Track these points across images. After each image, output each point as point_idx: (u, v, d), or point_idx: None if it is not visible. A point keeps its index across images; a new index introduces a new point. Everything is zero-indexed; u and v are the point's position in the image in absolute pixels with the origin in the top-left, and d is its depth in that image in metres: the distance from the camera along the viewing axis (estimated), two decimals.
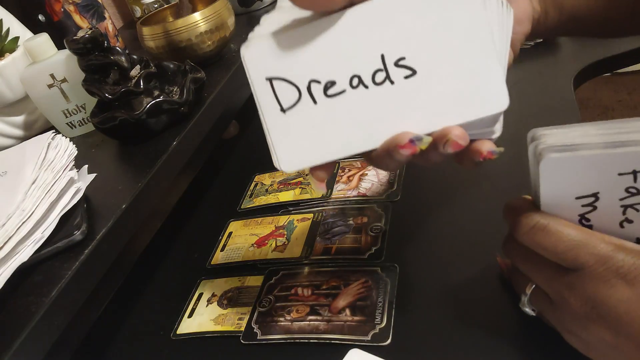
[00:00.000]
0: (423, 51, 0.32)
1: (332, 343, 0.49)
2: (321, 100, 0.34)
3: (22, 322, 0.35)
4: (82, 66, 0.54)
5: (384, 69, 0.33)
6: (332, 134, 0.35)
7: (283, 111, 0.35)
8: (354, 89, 0.34)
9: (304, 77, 0.34)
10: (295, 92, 0.35)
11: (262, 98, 0.36)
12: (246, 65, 0.35)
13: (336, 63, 0.34)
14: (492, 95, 0.31)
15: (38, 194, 0.41)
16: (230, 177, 0.84)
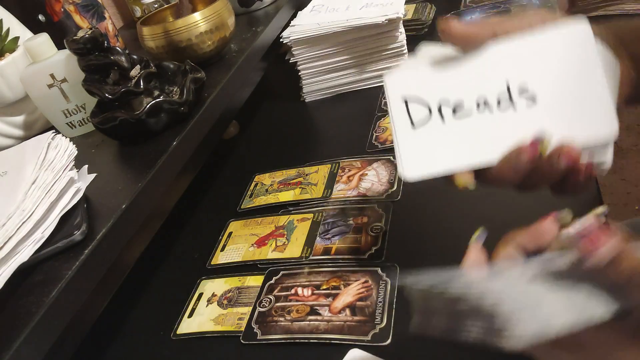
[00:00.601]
0: (545, 85, 0.37)
1: (332, 343, 0.49)
2: (449, 119, 0.39)
3: (22, 322, 0.36)
4: (82, 66, 0.54)
5: (508, 97, 0.38)
6: (454, 149, 0.39)
7: (414, 127, 0.40)
8: (479, 112, 0.38)
9: (436, 99, 0.39)
10: (426, 112, 0.39)
11: (396, 115, 0.40)
12: (386, 86, 0.41)
13: (466, 89, 0.39)
14: (605, 125, 0.36)
15: (38, 194, 0.41)
16: (230, 177, 0.84)
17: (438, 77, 0.40)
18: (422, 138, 0.40)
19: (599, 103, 0.36)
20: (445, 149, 0.40)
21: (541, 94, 0.37)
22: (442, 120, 0.39)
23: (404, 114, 0.40)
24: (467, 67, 0.39)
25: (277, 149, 0.87)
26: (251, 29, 0.86)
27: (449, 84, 0.39)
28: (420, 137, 0.40)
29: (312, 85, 0.94)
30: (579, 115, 0.36)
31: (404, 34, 0.89)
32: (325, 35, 0.86)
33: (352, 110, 0.90)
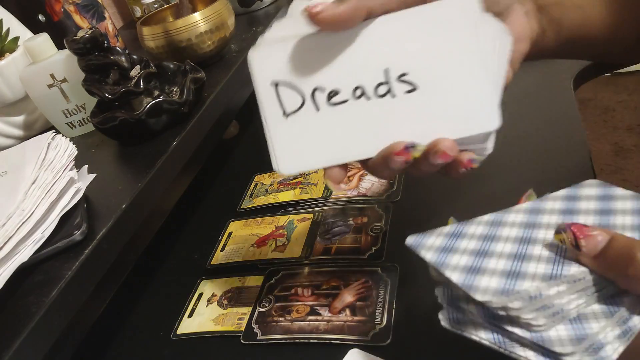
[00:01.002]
0: (425, 69, 0.34)
1: (332, 343, 0.49)
2: (324, 107, 0.36)
3: (22, 322, 0.35)
4: (82, 66, 0.54)
5: (387, 83, 0.34)
6: (331, 140, 0.36)
7: (285, 116, 0.36)
8: (356, 100, 0.35)
9: (309, 85, 0.35)
10: (299, 98, 0.36)
11: (266, 101, 0.36)
12: (252, 68, 0.36)
13: (342, 73, 0.35)
14: (484, 116, 0.33)
15: (38, 194, 0.41)
16: (230, 177, 0.84)
17: (312, 57, 0.35)
18: (295, 128, 0.36)
19: (479, 91, 0.33)
20: (322, 140, 0.37)
21: (421, 79, 0.34)
22: (316, 108, 0.36)
23: (274, 101, 0.36)
24: (344, 47, 0.35)
25: None
26: (251, 29, 0.86)
27: (324, 66, 0.35)
28: (294, 127, 0.36)
29: None
30: (459, 104, 0.34)
31: None
32: None
33: None
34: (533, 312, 0.28)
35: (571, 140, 0.65)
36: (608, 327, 0.27)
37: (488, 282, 0.29)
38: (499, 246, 0.33)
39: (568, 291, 0.28)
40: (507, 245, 0.32)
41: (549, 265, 0.29)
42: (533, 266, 0.30)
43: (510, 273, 0.30)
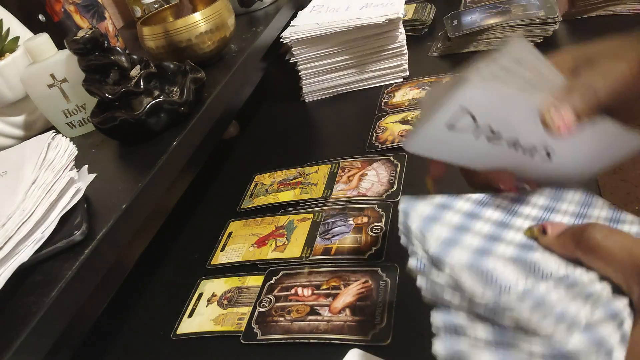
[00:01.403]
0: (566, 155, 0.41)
1: (332, 343, 0.49)
2: (481, 139, 0.41)
3: (22, 322, 0.36)
4: (82, 66, 0.54)
5: (537, 150, 0.41)
6: (465, 152, 0.42)
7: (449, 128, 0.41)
8: (508, 147, 0.41)
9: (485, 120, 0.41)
10: (471, 127, 0.41)
11: (446, 111, 0.40)
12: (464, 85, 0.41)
13: (514, 124, 0.41)
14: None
15: (38, 194, 0.41)
16: (230, 177, 0.84)
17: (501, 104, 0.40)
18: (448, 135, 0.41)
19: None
20: (459, 149, 0.42)
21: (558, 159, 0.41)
22: (476, 137, 0.41)
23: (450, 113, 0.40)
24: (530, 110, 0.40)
25: (277, 149, 0.87)
26: (251, 29, 0.86)
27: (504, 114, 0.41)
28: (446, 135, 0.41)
29: (312, 86, 0.94)
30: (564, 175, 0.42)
31: (404, 34, 0.89)
32: (325, 35, 0.86)
33: (352, 110, 0.90)
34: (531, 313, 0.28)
35: None
36: (612, 332, 0.28)
37: (459, 256, 0.32)
38: (478, 225, 0.35)
39: (569, 296, 0.29)
40: (486, 226, 0.35)
41: (516, 250, 0.33)
42: (502, 248, 0.33)
43: (481, 251, 0.33)
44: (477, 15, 0.95)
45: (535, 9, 0.89)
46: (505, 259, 0.32)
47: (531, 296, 0.29)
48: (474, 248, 0.33)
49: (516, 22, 0.88)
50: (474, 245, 0.33)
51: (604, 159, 0.42)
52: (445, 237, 0.34)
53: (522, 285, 0.30)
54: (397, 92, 0.88)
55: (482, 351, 0.30)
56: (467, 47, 0.94)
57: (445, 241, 0.34)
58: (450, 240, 0.34)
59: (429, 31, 1.07)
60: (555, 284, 0.30)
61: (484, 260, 0.31)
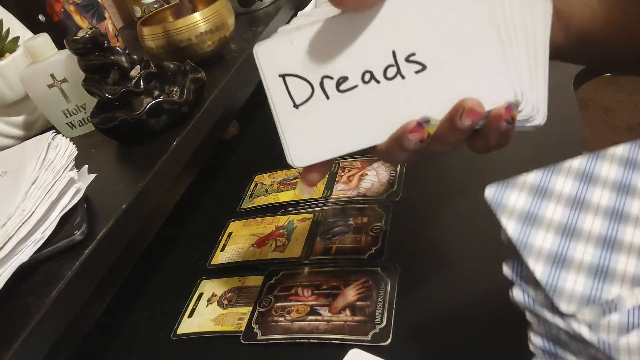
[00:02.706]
0: (433, 47, 0.32)
1: (332, 343, 0.49)
2: (334, 95, 0.35)
3: (22, 322, 0.35)
4: (82, 66, 0.54)
5: (395, 65, 0.33)
6: (343, 128, 0.36)
7: (296, 107, 0.36)
8: (366, 84, 0.34)
9: (317, 73, 0.35)
10: (308, 88, 0.35)
11: (275, 94, 0.36)
12: (258, 61, 0.37)
13: (349, 59, 0.34)
14: (498, 88, 0.32)
15: (38, 194, 0.41)
16: (230, 177, 0.84)
17: (318, 46, 0.35)
18: (306, 118, 0.36)
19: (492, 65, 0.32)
20: (334, 128, 0.36)
21: (430, 58, 0.33)
22: (326, 96, 0.35)
23: (283, 92, 0.36)
24: (350, 33, 0.34)
25: (277, 149, 0.86)
26: (251, 29, 0.86)
27: (329, 55, 0.34)
28: (304, 117, 0.36)
29: None
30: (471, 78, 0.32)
31: None
32: None
33: None
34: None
35: (571, 140, 0.65)
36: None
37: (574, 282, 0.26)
38: (587, 220, 0.29)
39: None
40: (597, 221, 0.28)
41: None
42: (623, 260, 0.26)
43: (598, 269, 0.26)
44: None
45: None
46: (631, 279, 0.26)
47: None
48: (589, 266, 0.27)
49: None
50: (588, 262, 0.27)
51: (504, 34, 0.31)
52: (550, 252, 0.28)
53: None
54: None
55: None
56: None
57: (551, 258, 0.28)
58: (558, 258, 0.27)
59: None
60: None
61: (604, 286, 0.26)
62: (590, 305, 0.25)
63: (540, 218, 0.29)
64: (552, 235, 0.28)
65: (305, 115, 0.36)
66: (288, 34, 0.35)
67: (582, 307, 0.25)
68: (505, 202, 0.30)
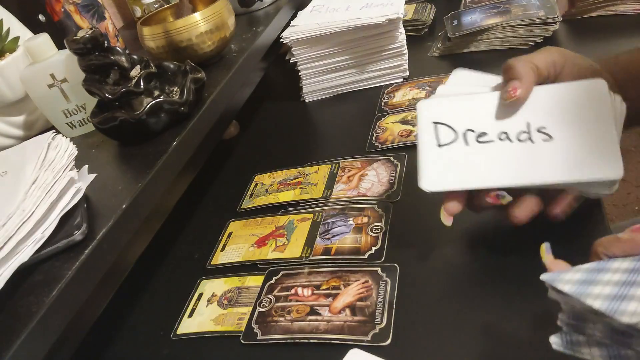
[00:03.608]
0: (562, 126, 0.42)
1: (332, 343, 0.49)
2: (472, 144, 0.44)
3: (22, 322, 0.36)
4: (82, 66, 0.54)
5: (527, 132, 0.43)
6: (473, 169, 0.44)
7: (439, 146, 0.45)
8: (501, 141, 0.44)
9: (463, 126, 0.45)
10: (452, 134, 0.45)
11: (425, 134, 0.46)
12: (419, 111, 0.47)
13: (491, 121, 0.44)
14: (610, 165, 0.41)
15: (38, 194, 0.41)
16: (230, 177, 0.84)
17: (467, 109, 0.45)
18: (445, 155, 0.45)
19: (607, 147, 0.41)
20: (464, 167, 0.44)
21: (557, 132, 0.42)
22: (466, 143, 0.44)
23: (431, 133, 0.46)
24: (493, 104, 0.44)
25: (277, 149, 0.87)
26: (251, 29, 0.86)
27: (477, 116, 0.44)
28: (443, 154, 0.45)
29: (312, 86, 0.94)
30: (588, 154, 0.42)
31: (404, 34, 0.89)
32: (325, 35, 0.86)
33: (352, 110, 0.90)
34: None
35: None
36: None
37: (636, 306, 0.29)
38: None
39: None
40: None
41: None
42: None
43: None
44: (477, 15, 0.95)
45: (535, 9, 0.89)
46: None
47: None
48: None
49: (516, 22, 0.88)
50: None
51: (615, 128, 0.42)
52: (609, 294, 0.30)
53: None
54: (397, 92, 0.88)
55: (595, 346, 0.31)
56: (467, 47, 0.94)
57: (613, 297, 0.30)
58: (617, 296, 0.30)
59: (429, 31, 1.07)
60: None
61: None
62: None
63: (597, 281, 0.32)
64: (610, 287, 0.31)
65: (444, 153, 0.45)
66: (447, 97, 0.47)
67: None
68: (561, 277, 0.34)
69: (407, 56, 0.91)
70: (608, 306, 0.30)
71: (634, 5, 0.88)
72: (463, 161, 0.45)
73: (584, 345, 0.33)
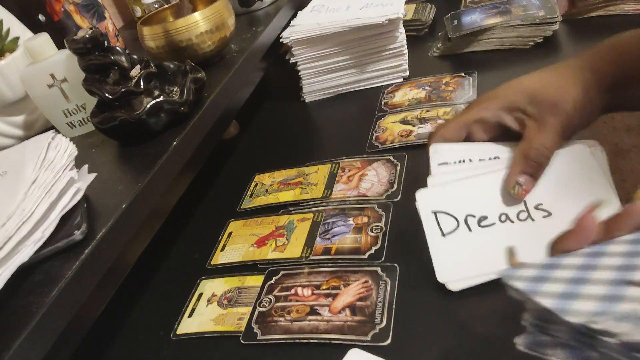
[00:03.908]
0: (557, 200, 0.43)
1: (332, 343, 0.49)
2: (475, 229, 0.45)
3: (22, 322, 0.36)
4: (82, 66, 0.54)
5: (526, 210, 0.44)
6: (482, 254, 0.45)
7: (443, 235, 0.46)
8: (502, 223, 0.44)
9: (462, 213, 0.45)
10: (454, 222, 0.46)
11: (427, 225, 0.47)
12: (418, 202, 0.49)
13: (489, 204, 0.45)
14: None
15: (38, 193, 0.41)
16: (230, 177, 0.84)
17: (463, 195, 0.47)
18: (450, 244, 0.46)
19: (608, 208, 0.42)
20: (472, 255, 0.45)
21: (555, 207, 0.43)
22: (469, 229, 0.45)
23: (434, 224, 0.47)
24: (489, 188, 0.46)
25: (277, 149, 0.87)
26: (251, 29, 0.86)
27: (474, 201, 0.45)
28: (450, 243, 0.46)
29: (312, 86, 0.94)
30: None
31: (404, 34, 0.89)
32: (325, 35, 0.86)
33: (352, 110, 0.90)
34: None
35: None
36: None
37: (581, 305, 0.29)
38: (596, 274, 0.31)
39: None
40: (607, 273, 0.31)
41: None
42: (633, 290, 0.29)
43: (608, 297, 0.29)
44: (477, 15, 0.95)
45: (535, 9, 0.89)
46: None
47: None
48: (600, 296, 0.29)
49: (516, 22, 0.88)
50: (599, 293, 0.30)
51: (590, 179, 0.44)
52: (561, 291, 0.31)
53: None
54: (397, 92, 0.88)
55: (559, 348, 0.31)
56: (467, 47, 0.94)
57: (562, 295, 0.31)
58: (566, 294, 0.30)
59: (429, 31, 1.07)
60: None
61: (615, 306, 0.28)
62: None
63: (548, 278, 0.33)
64: (559, 284, 0.32)
65: (450, 242, 0.46)
66: (442, 185, 0.48)
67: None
68: (517, 273, 0.35)
69: (407, 56, 0.91)
70: (557, 305, 0.30)
71: (634, 5, 0.88)
72: (470, 249, 0.46)
73: (549, 346, 0.32)
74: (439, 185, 0.49)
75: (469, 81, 0.84)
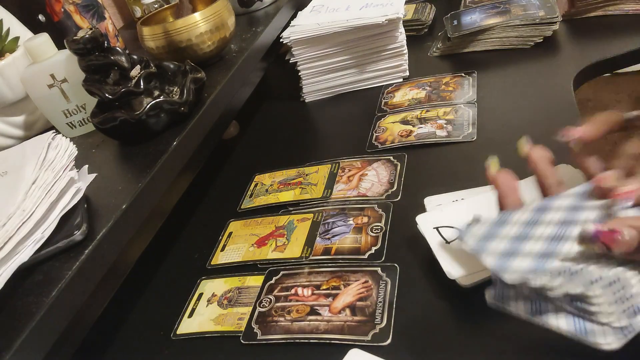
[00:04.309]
0: None
1: (332, 343, 0.49)
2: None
3: (22, 322, 0.36)
4: (82, 66, 0.54)
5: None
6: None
7: (448, 243, 0.50)
8: None
9: (463, 224, 0.46)
10: (456, 232, 0.49)
11: (431, 239, 0.51)
12: (419, 223, 0.54)
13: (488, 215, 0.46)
14: None
15: (38, 194, 0.41)
16: (230, 177, 0.84)
17: (460, 210, 0.52)
18: (457, 248, 0.49)
19: None
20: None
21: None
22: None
23: (437, 237, 0.50)
24: (485, 203, 0.49)
25: (277, 149, 0.87)
26: (251, 29, 0.86)
27: (472, 215, 0.45)
28: (456, 248, 0.49)
29: (312, 86, 0.94)
30: None
31: (404, 34, 0.89)
32: (325, 35, 0.86)
33: (352, 110, 0.90)
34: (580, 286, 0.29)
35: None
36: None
37: (519, 263, 0.31)
38: (539, 229, 0.34)
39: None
40: (548, 229, 0.34)
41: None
42: (568, 246, 0.31)
43: (543, 254, 0.32)
44: (477, 15, 0.95)
45: (535, 9, 0.89)
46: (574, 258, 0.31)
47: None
48: (536, 253, 0.32)
49: (516, 22, 0.88)
50: (536, 250, 0.32)
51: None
52: (503, 250, 0.33)
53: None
54: (397, 92, 0.88)
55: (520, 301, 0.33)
56: (467, 47, 0.94)
57: (504, 254, 0.33)
58: (507, 252, 0.33)
59: (429, 31, 1.07)
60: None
61: (548, 263, 0.31)
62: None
63: (496, 235, 0.35)
64: (505, 242, 0.34)
65: (455, 246, 0.49)
66: (439, 209, 0.56)
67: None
68: (469, 231, 0.37)
69: (407, 56, 0.91)
70: (497, 264, 0.32)
71: (633, 5, 0.88)
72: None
73: (512, 299, 0.34)
74: (437, 209, 0.55)
75: (469, 81, 0.84)
